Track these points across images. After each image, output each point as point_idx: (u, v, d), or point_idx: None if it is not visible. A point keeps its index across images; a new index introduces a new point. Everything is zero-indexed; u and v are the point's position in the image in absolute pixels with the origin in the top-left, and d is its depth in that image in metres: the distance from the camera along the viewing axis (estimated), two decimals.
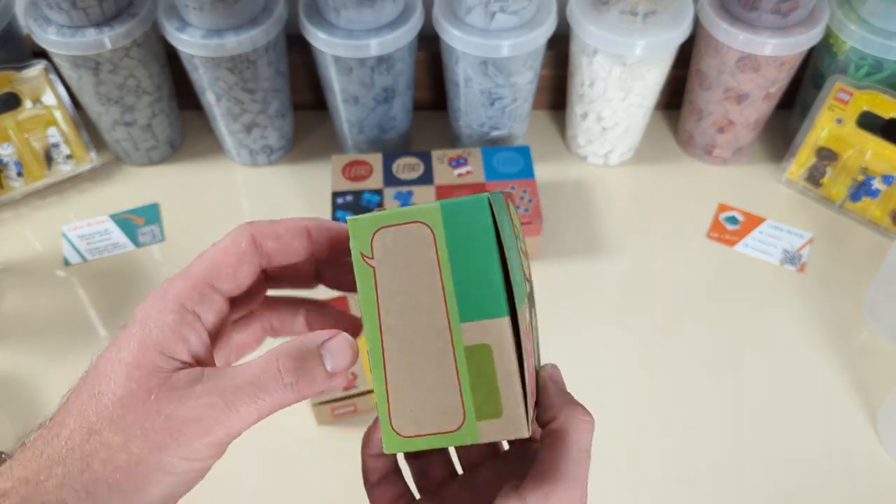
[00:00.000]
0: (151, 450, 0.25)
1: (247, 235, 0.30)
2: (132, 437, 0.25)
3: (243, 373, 0.27)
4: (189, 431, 0.25)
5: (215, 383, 0.26)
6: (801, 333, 0.65)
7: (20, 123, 0.71)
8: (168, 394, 0.26)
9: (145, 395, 0.26)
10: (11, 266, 0.70)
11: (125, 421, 0.25)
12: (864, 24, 0.67)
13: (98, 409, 0.26)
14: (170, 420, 0.25)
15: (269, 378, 0.27)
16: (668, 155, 0.80)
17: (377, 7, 0.64)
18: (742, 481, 0.57)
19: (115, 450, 0.25)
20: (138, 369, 0.26)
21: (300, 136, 0.81)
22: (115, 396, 0.26)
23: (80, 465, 0.25)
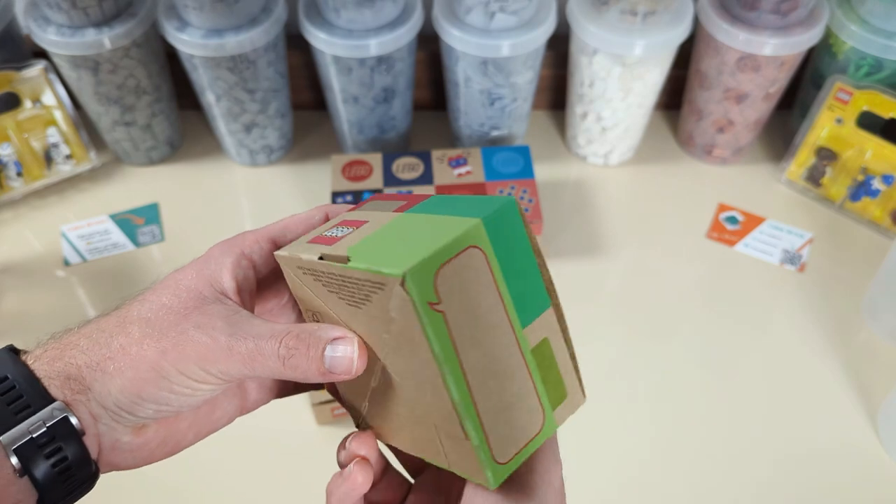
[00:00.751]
0: (158, 352, 0.28)
1: (322, 212, 0.33)
2: (148, 336, 0.29)
3: (259, 327, 0.29)
4: (190, 351, 0.28)
5: (232, 324, 0.29)
6: (801, 333, 0.65)
7: (20, 123, 0.71)
8: (196, 316, 0.29)
9: (180, 309, 0.29)
10: (11, 266, 0.70)
11: (153, 324, 0.29)
12: (863, 24, 0.67)
13: (139, 310, 0.30)
14: (182, 335, 0.28)
15: (270, 343, 0.28)
16: (668, 155, 0.80)
17: (377, 7, 0.64)
18: (742, 481, 0.57)
19: (132, 339, 0.29)
20: (186, 291, 0.30)
21: (300, 136, 0.81)
22: (157, 304, 0.30)
23: (102, 342, 0.29)
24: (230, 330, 0.28)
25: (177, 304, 0.29)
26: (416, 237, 0.26)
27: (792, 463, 0.58)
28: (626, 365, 0.63)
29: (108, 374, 0.28)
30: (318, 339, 0.28)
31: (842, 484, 0.57)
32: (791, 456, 0.58)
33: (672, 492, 0.57)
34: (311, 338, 0.28)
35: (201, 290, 0.30)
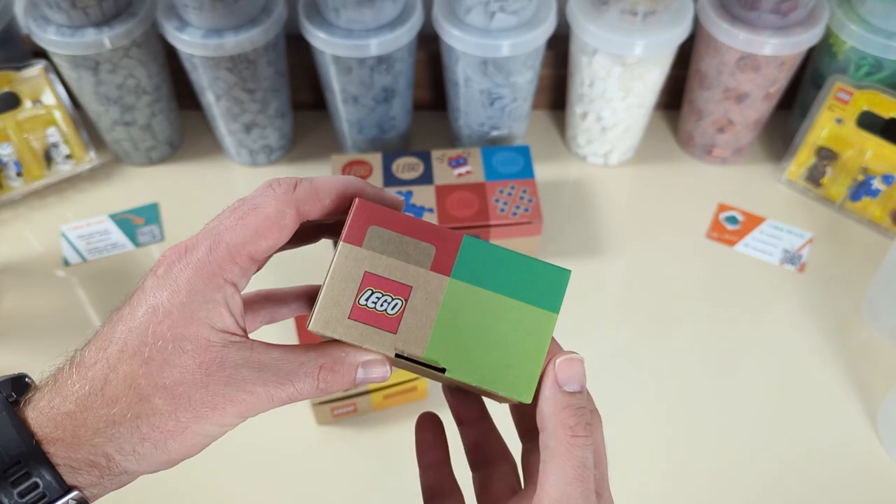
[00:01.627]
0: (197, 419, 0.27)
1: (292, 207, 0.29)
2: (181, 408, 0.27)
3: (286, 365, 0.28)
4: (230, 409, 0.27)
5: (260, 368, 0.28)
6: (801, 333, 0.65)
7: (20, 123, 0.71)
8: (218, 371, 0.27)
9: (197, 367, 0.27)
10: (11, 266, 0.70)
11: (176, 391, 0.27)
12: (863, 24, 0.67)
13: (149, 374, 0.27)
14: (216, 396, 0.27)
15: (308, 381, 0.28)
16: (668, 155, 0.80)
17: (377, 7, 0.64)
18: (741, 481, 0.57)
19: (164, 416, 0.27)
20: (191, 343, 0.27)
21: (300, 136, 0.81)
22: (169, 366, 0.27)
23: (129, 428, 0.27)
24: (262, 377, 0.28)
25: (191, 364, 0.27)
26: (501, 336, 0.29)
27: (792, 463, 0.58)
28: (626, 365, 0.63)
29: (146, 455, 0.27)
30: (350, 365, 0.29)
31: (842, 484, 0.57)
32: (791, 456, 0.58)
33: (672, 492, 0.57)
34: (344, 367, 0.29)
35: (206, 337, 0.28)
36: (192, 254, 0.28)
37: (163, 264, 0.28)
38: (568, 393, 0.29)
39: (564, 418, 0.28)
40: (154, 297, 0.28)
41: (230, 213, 0.29)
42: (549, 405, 0.29)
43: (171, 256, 0.28)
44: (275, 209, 0.28)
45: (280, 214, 0.28)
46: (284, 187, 0.29)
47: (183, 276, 0.28)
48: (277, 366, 0.28)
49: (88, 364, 0.28)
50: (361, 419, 0.59)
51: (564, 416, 0.28)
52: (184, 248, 0.29)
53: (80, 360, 0.28)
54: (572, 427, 0.28)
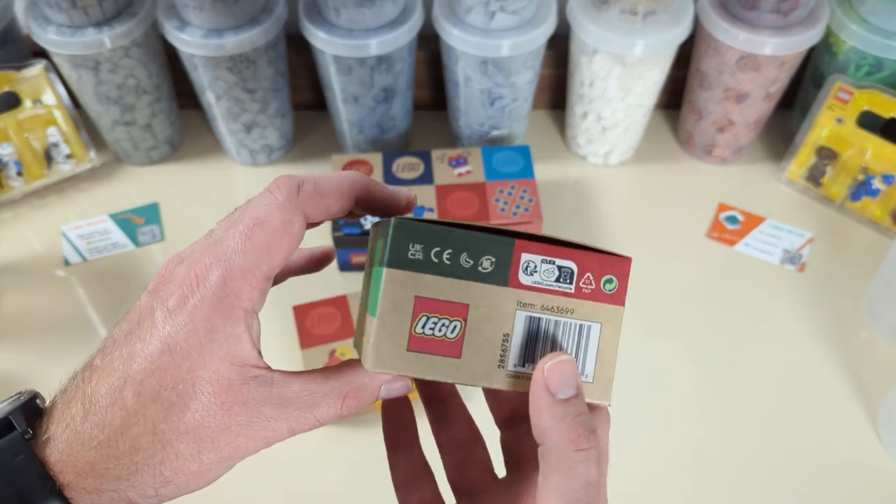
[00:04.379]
0: (220, 459, 0.27)
1: (299, 215, 0.27)
2: (205, 450, 0.26)
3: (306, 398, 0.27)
4: (251, 444, 0.27)
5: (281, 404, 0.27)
6: (801, 333, 0.65)
7: (20, 123, 0.71)
8: (241, 410, 0.26)
9: (219, 409, 0.26)
10: (11, 266, 0.70)
11: (199, 434, 0.26)
12: (864, 24, 0.67)
13: (169, 420, 0.26)
14: (239, 437, 0.27)
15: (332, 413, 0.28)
16: (668, 155, 0.80)
17: (377, 7, 0.64)
18: (741, 481, 0.57)
19: (187, 460, 0.26)
20: (212, 384, 0.26)
21: (300, 136, 0.81)
22: (188, 410, 0.26)
23: (152, 473, 0.26)
24: (284, 414, 0.27)
25: (213, 406, 0.26)
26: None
27: (791, 463, 0.58)
28: (626, 364, 0.63)
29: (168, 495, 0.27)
30: (374, 388, 0.28)
31: (842, 484, 0.57)
32: (790, 455, 0.58)
33: (671, 492, 0.57)
34: (368, 391, 0.28)
35: (227, 376, 0.26)
36: (205, 285, 0.26)
37: (173, 296, 0.27)
38: (563, 400, 0.26)
39: (564, 431, 0.26)
40: (169, 334, 0.26)
41: (235, 231, 0.27)
42: (545, 418, 0.26)
43: (184, 288, 0.27)
44: (281, 220, 0.27)
45: (287, 224, 0.27)
46: (286, 193, 0.27)
47: (200, 313, 0.26)
48: (300, 399, 0.27)
49: (103, 405, 0.26)
50: (361, 419, 0.59)
51: (563, 427, 0.26)
52: (194, 277, 0.27)
53: (92, 397, 0.26)
54: (574, 440, 0.26)
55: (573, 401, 0.26)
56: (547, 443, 0.26)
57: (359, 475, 0.58)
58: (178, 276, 0.27)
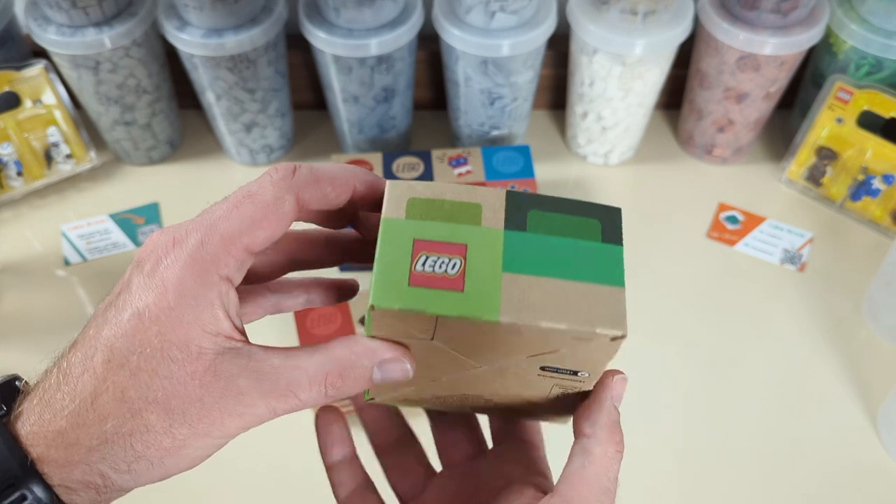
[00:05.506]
0: (195, 435, 0.25)
1: (291, 194, 0.27)
2: (176, 423, 0.25)
3: (288, 375, 0.26)
4: (227, 421, 0.25)
5: (259, 378, 0.25)
6: (801, 333, 0.65)
7: (20, 123, 0.71)
8: (212, 381, 0.25)
9: (189, 378, 0.25)
10: (11, 266, 0.70)
11: (170, 405, 0.25)
12: (864, 24, 0.67)
13: (138, 387, 0.25)
14: (212, 411, 0.25)
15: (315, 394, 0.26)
16: (668, 154, 0.80)
17: (377, 6, 0.64)
18: (741, 481, 0.57)
19: (158, 433, 0.25)
20: (181, 350, 0.25)
21: (300, 136, 0.81)
22: (158, 378, 0.25)
23: (122, 446, 0.25)
24: (261, 388, 0.25)
25: (182, 374, 0.25)
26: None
27: (791, 463, 0.58)
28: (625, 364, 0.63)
29: (142, 472, 0.25)
30: (363, 368, 0.26)
31: (842, 484, 0.57)
32: (790, 455, 0.58)
33: (671, 492, 0.57)
34: (356, 371, 0.26)
35: (198, 343, 0.25)
36: (182, 247, 0.25)
37: (149, 260, 0.26)
38: (617, 408, 0.30)
39: (615, 432, 0.29)
40: (141, 299, 0.25)
41: (224, 202, 0.27)
42: (605, 416, 0.29)
43: (159, 251, 0.26)
44: (272, 195, 0.26)
45: (278, 201, 0.26)
46: (282, 172, 0.27)
47: (171, 273, 0.25)
48: (278, 375, 0.25)
49: (76, 374, 0.25)
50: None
51: (615, 430, 0.29)
52: (171, 239, 0.26)
53: (67, 369, 0.26)
54: (618, 442, 0.29)
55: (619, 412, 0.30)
56: (599, 435, 0.29)
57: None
58: (160, 242, 0.26)
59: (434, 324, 0.26)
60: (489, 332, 0.26)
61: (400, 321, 0.26)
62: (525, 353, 0.28)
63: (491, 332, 0.26)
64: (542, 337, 0.26)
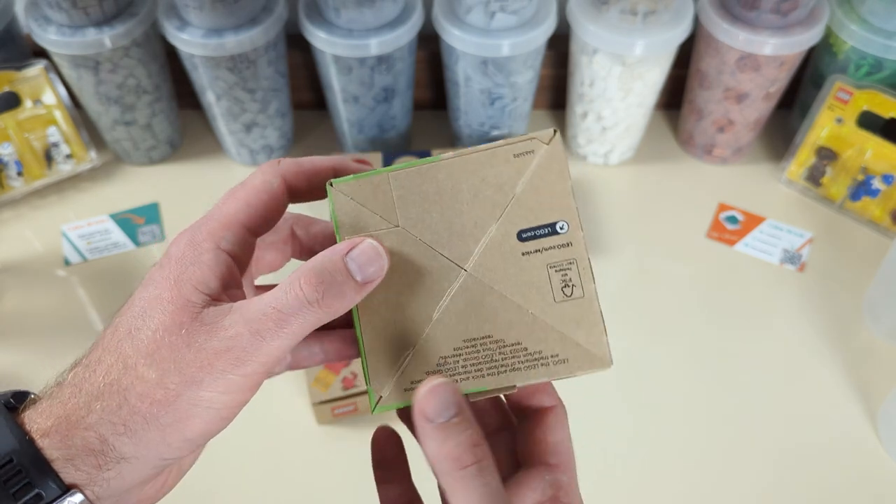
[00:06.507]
0: (187, 384, 0.25)
1: (278, 177, 0.29)
2: (167, 372, 0.25)
3: (267, 298, 0.26)
4: (220, 364, 0.25)
5: (241, 314, 0.26)
6: (801, 333, 0.65)
7: (20, 123, 0.71)
8: (199, 327, 0.26)
9: (177, 328, 0.26)
10: (11, 266, 0.70)
11: (160, 355, 0.26)
12: (863, 24, 0.67)
13: (134, 343, 0.26)
14: (200, 353, 0.25)
15: (292, 298, 0.26)
16: (668, 154, 0.80)
17: (377, 6, 0.64)
18: (741, 481, 0.57)
19: (151, 384, 0.25)
20: (171, 303, 0.26)
21: (300, 136, 0.81)
22: (150, 331, 0.26)
23: (117, 400, 0.26)
24: (242, 317, 0.26)
25: (172, 324, 0.26)
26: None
27: (792, 463, 0.58)
28: (625, 364, 0.63)
29: (140, 432, 0.25)
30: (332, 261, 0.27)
31: (842, 484, 0.57)
32: (791, 456, 0.58)
33: (671, 492, 0.57)
34: (326, 263, 0.26)
35: (188, 297, 0.26)
36: (187, 231, 0.28)
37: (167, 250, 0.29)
38: (442, 425, 0.26)
39: (448, 452, 0.26)
40: (148, 277, 0.28)
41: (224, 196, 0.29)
42: (430, 445, 0.26)
43: (173, 240, 0.29)
44: (261, 179, 0.29)
45: (266, 184, 0.29)
46: (269, 163, 0.30)
47: (175, 249, 0.28)
48: (257, 301, 0.26)
49: (87, 355, 0.28)
50: (362, 419, 0.59)
51: (447, 450, 0.26)
52: (184, 230, 0.29)
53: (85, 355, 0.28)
54: (458, 458, 0.26)
55: (453, 423, 0.26)
56: (437, 468, 0.26)
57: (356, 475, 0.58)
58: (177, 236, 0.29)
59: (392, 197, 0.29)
60: (446, 189, 0.30)
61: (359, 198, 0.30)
62: (488, 212, 0.30)
63: (447, 184, 0.30)
64: (487, 161, 0.30)
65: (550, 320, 0.30)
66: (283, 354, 0.26)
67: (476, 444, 0.26)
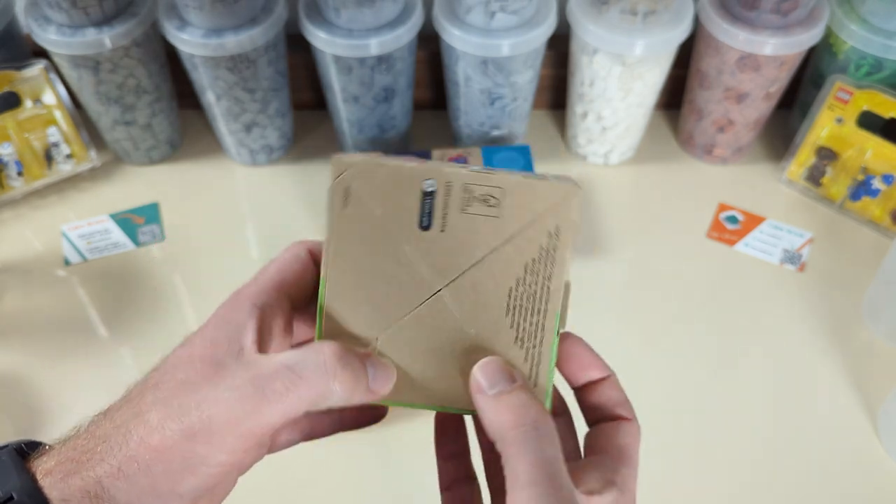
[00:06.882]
0: (184, 435, 0.25)
1: (305, 249, 0.31)
2: (168, 417, 0.25)
3: (280, 356, 0.26)
4: (218, 419, 0.25)
5: (249, 367, 0.26)
6: (801, 333, 0.65)
7: (20, 123, 0.71)
8: (214, 379, 0.26)
9: (197, 379, 0.26)
10: (11, 266, 0.70)
11: (169, 402, 0.26)
12: (864, 24, 0.67)
13: (154, 394, 0.26)
14: (203, 403, 0.25)
15: (309, 361, 0.26)
16: (668, 154, 0.80)
17: (377, 6, 0.64)
18: (741, 481, 0.57)
19: (152, 428, 0.25)
20: (201, 360, 0.27)
21: (300, 136, 0.81)
22: (173, 383, 0.26)
23: (119, 443, 0.25)
24: (254, 373, 0.25)
25: (193, 376, 0.26)
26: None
27: (791, 463, 0.58)
28: (625, 364, 0.63)
29: (133, 478, 0.25)
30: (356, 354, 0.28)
31: (842, 484, 0.57)
32: (790, 456, 0.58)
33: (671, 492, 0.57)
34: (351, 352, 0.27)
35: (217, 353, 0.27)
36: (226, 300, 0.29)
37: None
38: (496, 395, 0.27)
39: (503, 418, 0.27)
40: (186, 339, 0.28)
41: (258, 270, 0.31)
42: (487, 415, 0.27)
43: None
44: (291, 252, 0.31)
45: (295, 255, 0.31)
46: (296, 241, 0.32)
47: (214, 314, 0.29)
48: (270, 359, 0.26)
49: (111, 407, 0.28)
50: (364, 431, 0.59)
51: (503, 414, 0.27)
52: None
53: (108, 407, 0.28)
54: (513, 421, 0.26)
55: (507, 390, 0.28)
56: (497, 436, 0.26)
57: (356, 475, 0.58)
58: None
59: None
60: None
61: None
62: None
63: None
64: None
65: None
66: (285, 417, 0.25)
67: (533, 408, 0.27)
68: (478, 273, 0.30)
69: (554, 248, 0.30)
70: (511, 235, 0.30)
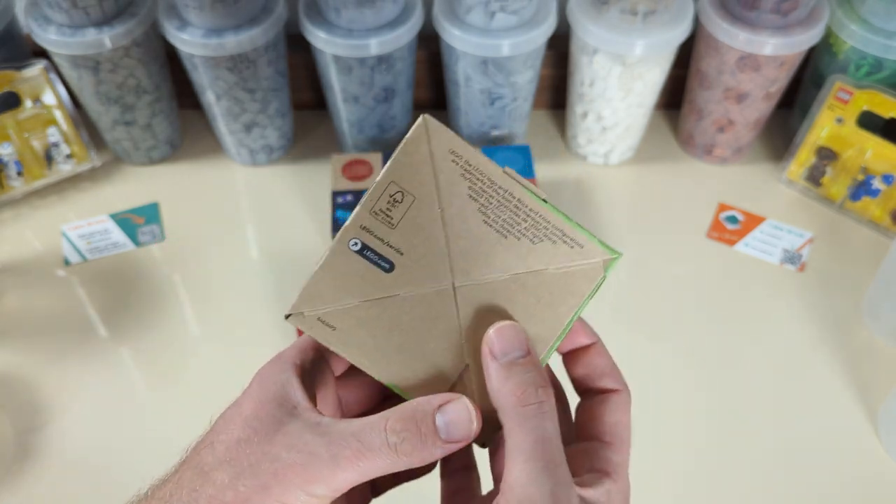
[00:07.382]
0: (257, 489, 0.26)
1: None
2: (240, 475, 0.26)
3: (353, 427, 0.26)
4: (292, 477, 0.25)
5: (323, 433, 0.26)
6: (801, 333, 0.65)
7: (20, 123, 0.71)
8: (281, 438, 0.26)
9: (259, 439, 0.26)
10: (11, 266, 0.70)
11: (236, 461, 0.26)
12: (863, 24, 0.67)
13: (213, 452, 0.27)
14: (275, 462, 0.26)
15: (374, 435, 0.26)
16: (668, 154, 0.80)
17: (377, 6, 0.64)
18: (741, 481, 0.57)
19: (222, 487, 0.26)
20: (256, 419, 0.27)
21: (300, 136, 0.81)
22: (231, 442, 0.27)
23: (186, 501, 0.26)
24: (324, 439, 0.26)
25: (253, 435, 0.26)
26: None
27: (791, 463, 0.58)
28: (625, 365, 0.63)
29: None
30: (423, 411, 0.26)
31: (842, 484, 0.57)
32: (790, 456, 0.58)
33: (671, 491, 0.57)
34: (416, 412, 0.26)
35: (271, 412, 0.27)
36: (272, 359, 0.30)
37: None
38: (507, 364, 0.27)
39: (511, 389, 0.27)
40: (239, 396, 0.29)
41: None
42: (493, 381, 0.27)
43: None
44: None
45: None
46: None
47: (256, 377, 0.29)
48: (343, 427, 0.26)
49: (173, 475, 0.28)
50: None
51: (510, 386, 0.27)
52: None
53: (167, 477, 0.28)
54: (521, 396, 0.26)
55: (521, 362, 0.27)
56: (499, 404, 0.27)
57: None
58: None
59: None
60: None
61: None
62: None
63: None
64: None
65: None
66: (351, 485, 0.26)
67: (539, 386, 0.27)
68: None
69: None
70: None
